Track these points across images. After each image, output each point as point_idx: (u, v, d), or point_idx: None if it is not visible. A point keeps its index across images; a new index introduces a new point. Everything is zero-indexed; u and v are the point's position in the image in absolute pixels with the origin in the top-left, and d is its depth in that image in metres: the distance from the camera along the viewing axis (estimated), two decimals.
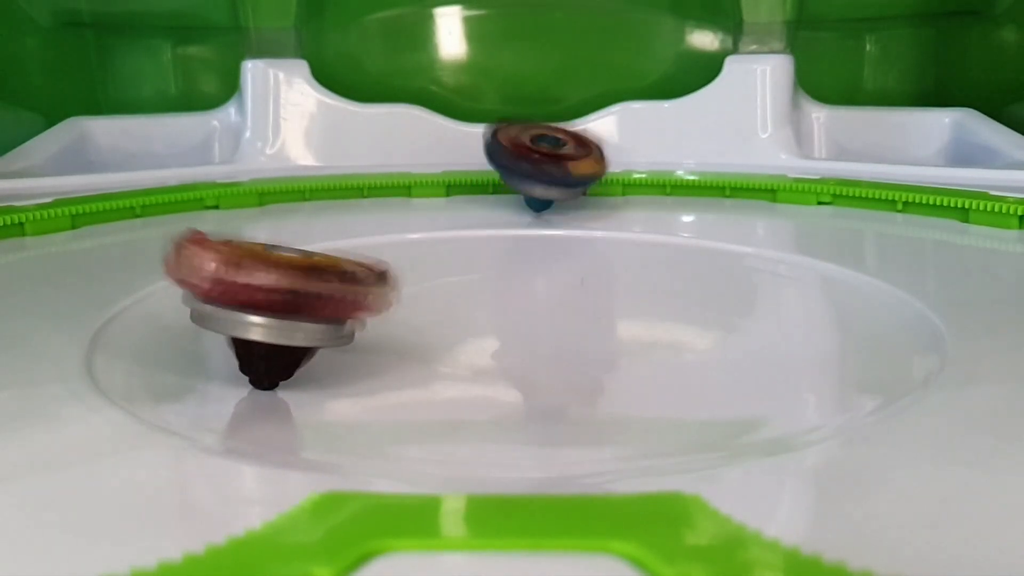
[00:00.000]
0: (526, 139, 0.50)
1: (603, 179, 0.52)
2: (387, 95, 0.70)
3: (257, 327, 0.24)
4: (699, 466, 0.22)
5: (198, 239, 0.24)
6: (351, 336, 0.26)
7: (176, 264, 0.24)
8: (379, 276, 0.26)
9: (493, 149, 0.50)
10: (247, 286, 0.23)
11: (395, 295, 0.26)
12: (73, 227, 0.49)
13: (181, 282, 0.24)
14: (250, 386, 0.27)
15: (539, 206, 0.52)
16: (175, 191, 0.56)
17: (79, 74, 0.73)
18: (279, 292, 0.23)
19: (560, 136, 0.52)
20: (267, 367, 0.25)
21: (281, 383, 0.27)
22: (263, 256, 0.24)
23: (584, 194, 0.53)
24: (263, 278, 0.23)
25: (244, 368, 0.26)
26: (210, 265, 0.23)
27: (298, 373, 0.27)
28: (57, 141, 0.63)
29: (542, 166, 0.49)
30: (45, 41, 0.70)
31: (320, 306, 0.24)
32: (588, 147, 0.51)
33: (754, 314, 0.38)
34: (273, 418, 0.27)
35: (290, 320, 0.24)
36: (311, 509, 0.16)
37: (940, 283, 0.40)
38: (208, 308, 0.24)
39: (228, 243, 0.25)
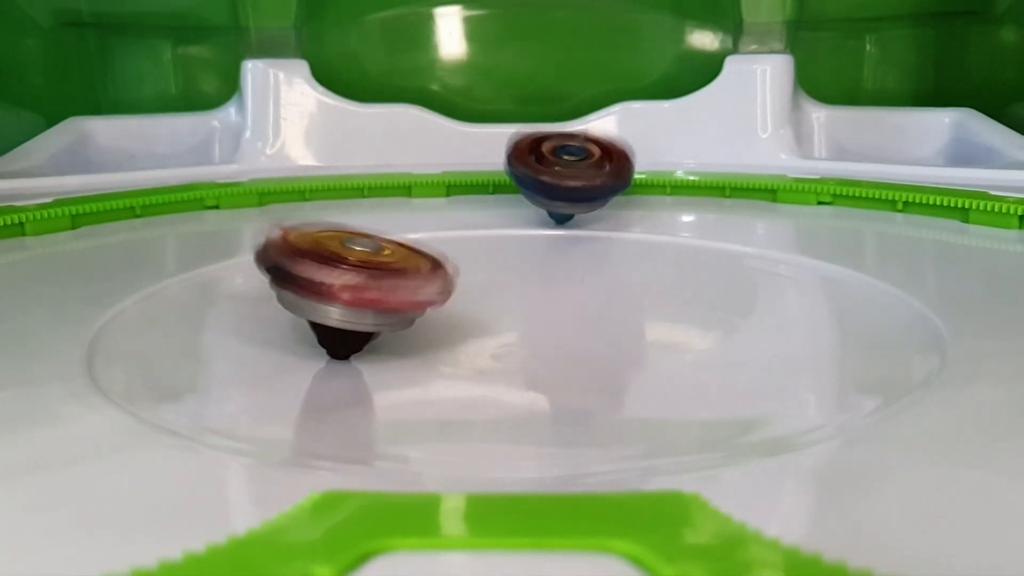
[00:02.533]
0: (546, 151, 0.48)
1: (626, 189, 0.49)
2: (387, 95, 0.70)
3: (334, 316, 0.27)
4: (699, 466, 0.22)
5: (287, 237, 0.28)
6: (412, 320, 0.30)
7: (266, 257, 0.28)
8: (440, 272, 0.29)
9: (511, 164, 0.48)
10: (330, 288, 0.27)
11: (453, 289, 0.29)
12: (73, 227, 0.49)
13: (272, 270, 0.28)
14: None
15: (561, 218, 0.50)
16: (175, 191, 0.56)
17: (79, 74, 0.73)
18: (355, 294, 0.27)
19: (585, 145, 0.49)
20: (341, 344, 0.29)
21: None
22: (342, 259, 0.27)
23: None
24: (341, 280, 0.27)
25: (322, 343, 0.30)
26: (302, 268, 0.27)
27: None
28: (57, 141, 0.63)
29: (561, 180, 0.46)
30: (45, 41, 0.70)
31: (388, 302, 0.28)
32: (611, 155, 0.48)
33: (754, 314, 0.38)
34: (273, 418, 0.27)
35: (362, 311, 0.27)
36: (311, 509, 0.16)
37: (940, 283, 0.40)
38: (292, 296, 0.28)
39: (314, 239, 0.28)
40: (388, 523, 0.16)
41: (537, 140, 0.48)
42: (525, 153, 0.48)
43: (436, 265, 0.30)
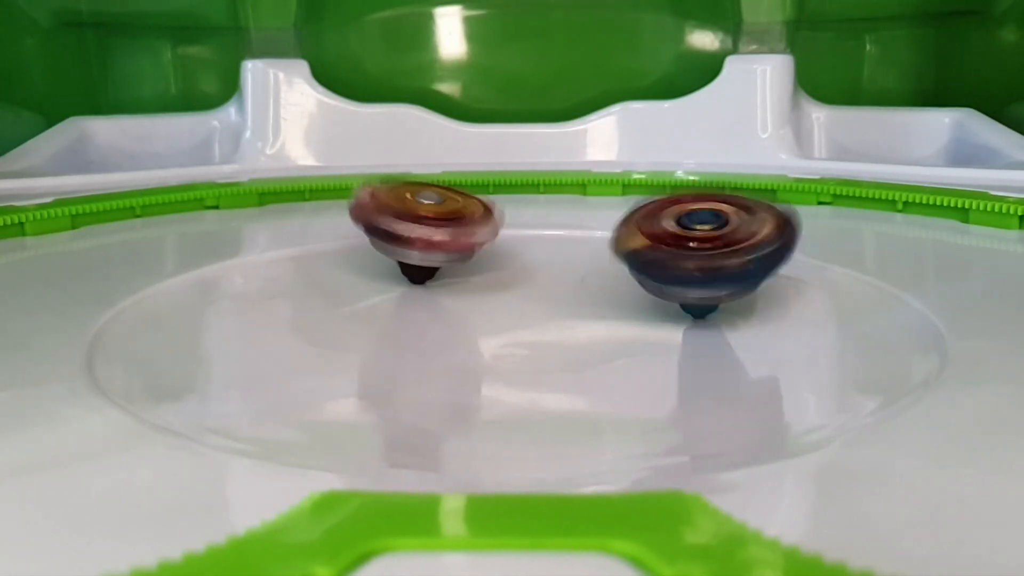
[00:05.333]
0: (671, 225, 0.33)
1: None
2: (387, 95, 0.70)
3: (414, 257, 0.37)
4: (699, 466, 0.22)
5: (375, 196, 0.37)
6: (471, 255, 0.38)
7: (359, 213, 0.37)
8: (490, 217, 0.38)
9: (628, 251, 0.33)
10: (409, 238, 0.36)
11: (500, 230, 0.39)
12: (73, 227, 0.49)
13: (366, 225, 0.37)
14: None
15: (703, 311, 0.35)
16: (175, 191, 0.56)
17: (79, 74, 0.73)
18: (427, 241, 0.36)
19: (716, 206, 0.33)
20: (418, 274, 0.39)
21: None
22: (417, 213, 0.36)
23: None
24: (417, 232, 0.36)
25: (404, 274, 0.39)
26: (389, 223, 0.36)
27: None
28: (57, 141, 0.63)
29: (710, 263, 0.31)
30: (45, 41, 0.70)
31: (451, 245, 0.37)
32: (763, 212, 0.34)
33: (754, 314, 0.38)
34: (273, 417, 0.27)
35: (431, 251, 0.37)
36: (311, 508, 0.16)
37: (940, 283, 0.40)
38: (382, 243, 0.37)
39: (395, 196, 0.37)
40: (388, 523, 0.16)
41: (656, 212, 0.34)
42: (645, 232, 0.33)
43: (487, 211, 0.39)
